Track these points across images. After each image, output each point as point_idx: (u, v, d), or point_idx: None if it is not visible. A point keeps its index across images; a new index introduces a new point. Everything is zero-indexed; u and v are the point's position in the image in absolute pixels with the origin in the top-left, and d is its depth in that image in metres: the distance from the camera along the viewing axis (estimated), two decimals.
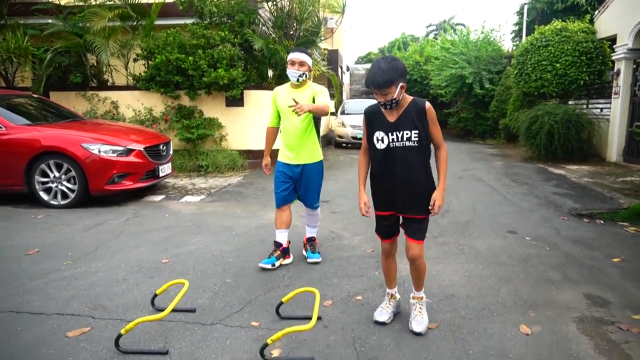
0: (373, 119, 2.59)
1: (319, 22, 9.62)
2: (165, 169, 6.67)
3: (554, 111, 9.59)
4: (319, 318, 2.76)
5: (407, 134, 2.51)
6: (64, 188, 5.80)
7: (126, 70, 9.30)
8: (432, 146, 2.66)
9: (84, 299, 3.12)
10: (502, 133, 14.28)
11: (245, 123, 9.11)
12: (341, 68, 21.45)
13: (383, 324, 2.77)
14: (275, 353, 2.45)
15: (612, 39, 9.90)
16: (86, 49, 8.92)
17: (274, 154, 3.80)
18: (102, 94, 9.08)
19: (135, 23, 9.31)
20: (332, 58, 17.66)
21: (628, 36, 9.14)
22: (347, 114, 14.13)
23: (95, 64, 9.51)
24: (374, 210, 2.76)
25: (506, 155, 11.52)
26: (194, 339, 2.60)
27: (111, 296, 3.16)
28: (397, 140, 2.53)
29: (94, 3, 9.14)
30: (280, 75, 9.37)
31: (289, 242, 3.87)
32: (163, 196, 6.58)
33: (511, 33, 21.32)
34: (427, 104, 2.53)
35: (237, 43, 8.84)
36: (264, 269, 3.64)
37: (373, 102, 9.53)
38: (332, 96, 16.71)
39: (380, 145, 2.57)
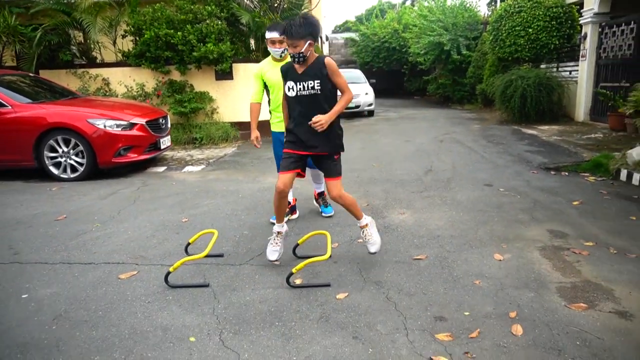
0: (288, 72, 3.09)
1: None
2: (166, 141, 7.05)
3: (526, 75, 10.18)
4: (329, 257, 3.31)
5: (310, 83, 2.99)
6: (72, 162, 6.15)
7: (114, 46, 9.45)
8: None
9: (123, 251, 3.60)
10: (479, 98, 14.88)
11: (235, 95, 9.44)
12: (321, 38, 21.55)
13: (275, 261, 3.24)
14: (298, 281, 2.99)
15: (580, 3, 10.44)
16: (74, 26, 9.03)
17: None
18: (93, 71, 9.25)
19: None
20: None
21: (594, 0, 9.69)
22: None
23: (82, 41, 9.62)
24: (284, 148, 3.15)
25: (483, 119, 12.14)
26: (228, 276, 3.13)
27: (146, 248, 3.65)
28: (304, 89, 3.01)
29: None
30: (266, 48, 9.65)
31: (295, 199, 4.39)
32: (165, 167, 6.98)
33: None
34: (327, 59, 3.00)
35: (224, 17, 9.06)
36: (273, 223, 4.16)
37: (354, 71, 9.98)
38: None
39: (290, 93, 3.07)
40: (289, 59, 3.92)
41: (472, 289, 2.87)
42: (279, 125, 4.01)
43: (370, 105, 13.87)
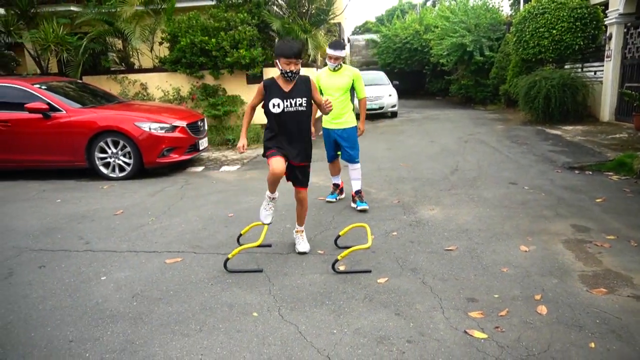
0: (271, 89, 3.27)
1: (329, 0, 10.22)
2: (204, 142, 7.49)
3: (550, 76, 10.30)
4: (369, 247, 3.65)
5: (298, 100, 3.27)
6: (120, 162, 6.63)
7: (152, 53, 9.98)
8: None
9: (181, 241, 4.01)
10: (502, 99, 14.98)
11: None
12: (344, 40, 21.89)
13: (270, 224, 3.58)
14: (342, 268, 3.34)
15: (605, 4, 10.51)
16: (114, 35, 9.59)
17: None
18: (132, 76, 9.80)
19: (157, 7, 9.92)
20: (336, 31, 18.14)
21: (619, 1, 9.76)
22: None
23: (121, 48, 10.18)
24: (271, 155, 3.37)
25: (506, 119, 12.28)
26: (278, 263, 3.50)
27: (201, 239, 4.05)
28: (291, 106, 3.26)
29: None
30: None
31: (343, 182, 5.24)
32: (203, 167, 7.43)
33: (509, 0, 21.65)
34: (308, 76, 3.34)
35: (255, 24, 9.49)
36: (329, 202, 5.12)
37: (377, 73, 10.51)
38: None
39: (275, 110, 3.27)
40: (344, 70, 4.73)
41: (500, 275, 3.16)
42: (325, 122, 4.90)
43: (393, 106, 14.13)
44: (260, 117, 9.84)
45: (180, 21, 9.33)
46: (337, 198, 5.20)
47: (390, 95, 14.11)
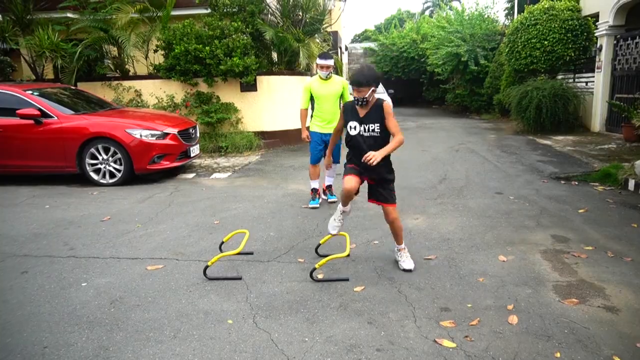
0: (349, 111, 3.42)
1: (324, 9, 10.33)
2: (195, 149, 7.54)
3: (542, 86, 10.41)
4: (347, 255, 3.69)
5: (371, 126, 3.32)
6: (111, 168, 6.67)
7: (146, 60, 10.06)
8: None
9: (164, 248, 4.04)
10: (496, 108, 15.09)
11: (259, 106, 9.93)
12: (341, 49, 22.05)
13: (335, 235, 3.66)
14: (320, 276, 3.37)
15: (596, 16, 10.64)
16: (109, 42, 9.67)
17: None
18: (126, 83, 9.87)
19: (152, 15, 10.01)
20: (333, 40, 18.25)
21: (609, 14, 9.89)
22: (350, 94, 14.86)
23: (117, 55, 10.26)
24: (347, 171, 3.50)
25: (499, 129, 12.37)
26: (258, 270, 3.53)
27: (184, 246, 4.09)
28: (365, 131, 3.33)
29: None
30: (289, 61, 10.14)
31: (325, 185, 5.50)
32: (194, 174, 7.47)
33: (504, 10, 21.87)
34: (385, 103, 3.33)
35: (249, 32, 9.58)
36: (314, 208, 5.22)
37: None
38: None
39: (352, 132, 3.38)
40: (333, 78, 5.10)
41: (475, 285, 3.20)
42: (318, 126, 5.21)
43: None
44: (252, 125, 9.97)
45: (175, 29, 9.42)
46: (319, 203, 5.32)
47: None
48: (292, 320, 2.77)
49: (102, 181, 6.69)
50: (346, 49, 28.14)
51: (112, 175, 6.70)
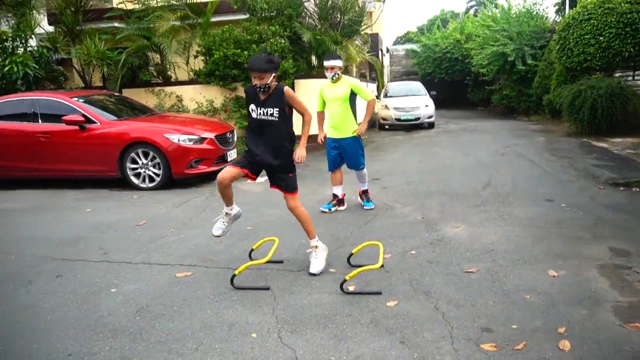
0: (252, 95, 3.42)
1: (362, 11, 10.16)
2: (232, 154, 7.54)
3: (597, 85, 9.72)
4: (382, 266, 3.48)
5: (269, 110, 3.33)
6: (150, 173, 6.78)
7: (187, 66, 10.25)
8: None
9: (195, 255, 3.99)
10: (546, 109, 14.30)
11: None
12: (381, 51, 21.76)
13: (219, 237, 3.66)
14: (351, 288, 3.19)
15: None
16: (152, 49, 9.93)
17: None
18: (168, 89, 10.10)
19: (193, 22, 10.20)
20: (373, 42, 18.03)
21: None
22: (390, 96, 14.60)
23: (159, 62, 10.53)
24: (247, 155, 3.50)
25: (549, 131, 11.70)
26: (287, 280, 3.40)
27: (215, 253, 4.02)
28: (264, 115, 3.35)
29: (155, 5, 10.09)
30: None
31: (344, 194, 5.31)
32: None
33: (554, 5, 20.80)
34: (285, 87, 3.38)
35: (287, 36, 9.55)
36: (323, 212, 5.14)
37: (413, 83, 10.77)
38: (375, 80, 17.19)
39: (253, 115, 3.40)
40: (343, 79, 4.93)
41: (522, 303, 2.91)
42: (329, 131, 5.12)
43: (430, 117, 13.81)
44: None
45: (215, 35, 9.54)
46: (332, 209, 5.21)
47: (427, 105, 13.81)
48: (318, 336, 2.61)
49: (142, 185, 6.81)
50: (387, 51, 27.78)
51: (151, 179, 6.81)
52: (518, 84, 16.26)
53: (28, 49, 9.29)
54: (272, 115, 3.35)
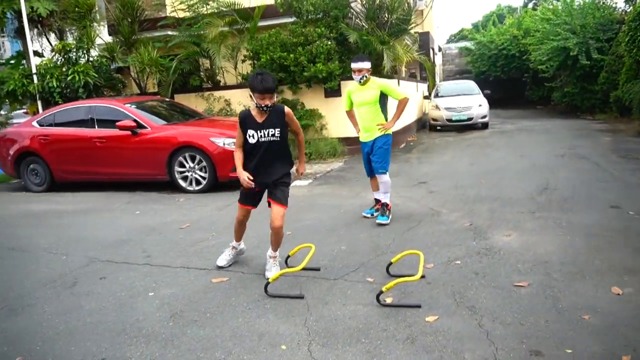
0: (246, 121, 3.34)
1: (410, 9, 9.87)
2: None
3: None
4: (422, 277, 3.29)
5: (271, 131, 3.31)
6: (197, 176, 6.92)
7: (235, 70, 10.42)
8: None
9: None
10: (613, 107, 13.26)
11: (343, 112, 9.67)
12: (433, 50, 21.18)
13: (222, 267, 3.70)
14: (389, 300, 3.02)
15: None
16: (202, 55, 10.19)
17: None
18: (217, 93, 10.31)
19: (241, 27, 10.35)
20: (423, 41, 17.57)
21: None
22: (441, 96, 14.14)
23: (209, 67, 10.79)
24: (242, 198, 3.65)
25: (617, 130, 10.81)
26: (322, 289, 3.28)
27: (252, 258, 3.98)
28: (265, 136, 3.31)
29: (205, 13, 10.35)
30: (374, 65, 9.80)
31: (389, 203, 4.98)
32: None
33: None
34: (286, 108, 3.38)
35: (333, 37, 9.45)
36: (365, 217, 4.97)
37: (466, 82, 10.36)
38: (425, 80, 16.73)
39: (251, 140, 3.33)
40: (372, 81, 4.69)
41: (578, 324, 2.62)
42: (361, 136, 4.98)
43: (483, 117, 13.22)
44: (336, 131, 9.81)
45: (262, 39, 9.62)
46: (375, 214, 4.95)
47: (480, 105, 13.23)
48: (350, 352, 2.47)
49: (189, 188, 6.96)
50: (439, 49, 27.03)
51: (198, 182, 6.94)
52: (581, 80, 15.21)
53: (89, 59, 9.82)
54: (273, 135, 3.34)
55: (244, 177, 3.38)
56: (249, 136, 3.35)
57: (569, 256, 3.61)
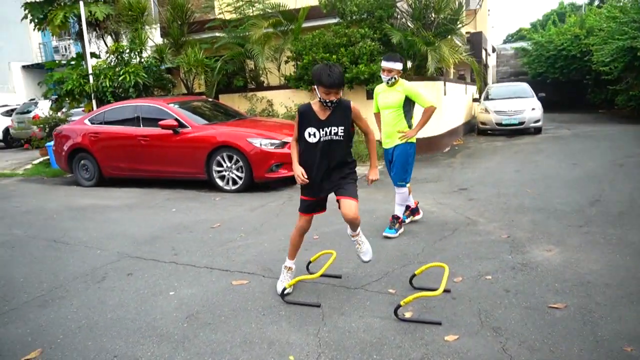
0: (306, 117, 3.01)
1: (459, 8, 9.51)
2: None
3: None
4: (448, 291, 3.10)
5: (334, 129, 2.98)
6: (234, 176, 7.00)
7: (279, 71, 10.49)
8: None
9: (256, 262, 3.95)
10: None
11: None
12: (485, 50, 20.39)
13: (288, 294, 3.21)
14: (408, 315, 2.87)
15: None
16: (246, 56, 10.34)
17: None
18: (260, 94, 10.43)
19: (285, 28, 10.41)
20: (476, 41, 16.96)
21: None
22: (491, 99, 13.57)
23: (253, 68, 10.93)
24: (301, 195, 3.23)
25: None
26: (340, 298, 3.17)
27: (275, 262, 3.93)
28: (327, 135, 2.98)
29: (251, 14, 10.51)
30: (419, 66, 9.56)
31: (417, 202, 4.94)
32: None
33: None
34: (352, 103, 3.04)
35: (377, 38, 9.29)
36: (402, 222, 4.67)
37: (519, 84, 9.82)
38: (473, 82, 16.12)
39: (312, 140, 2.99)
40: (400, 83, 4.42)
41: (619, 356, 2.35)
42: (383, 142, 4.71)
43: (537, 121, 12.53)
44: (377, 133, 9.59)
45: (305, 40, 9.62)
46: (407, 220, 4.78)
47: (533, 109, 12.56)
48: None
49: (226, 187, 7.06)
50: (493, 50, 26.01)
51: (234, 182, 7.02)
52: None
53: (141, 60, 10.24)
54: (336, 134, 3.00)
55: (299, 172, 3.03)
56: (309, 135, 3.00)
57: (615, 278, 3.28)
